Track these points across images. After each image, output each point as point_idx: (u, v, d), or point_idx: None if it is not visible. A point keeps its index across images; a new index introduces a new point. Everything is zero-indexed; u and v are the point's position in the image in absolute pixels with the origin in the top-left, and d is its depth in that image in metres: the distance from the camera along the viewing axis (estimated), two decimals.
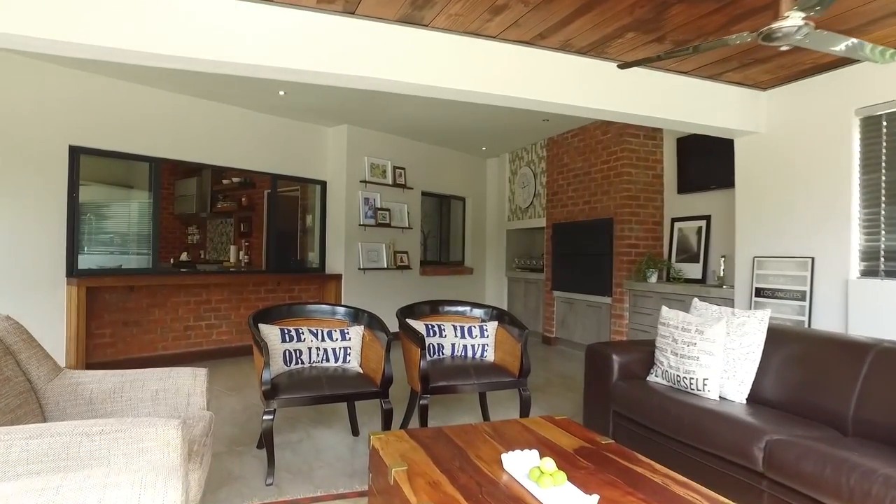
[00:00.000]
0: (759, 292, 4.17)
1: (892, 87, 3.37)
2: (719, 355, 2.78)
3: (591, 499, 1.57)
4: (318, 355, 3.21)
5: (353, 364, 3.27)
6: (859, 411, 2.31)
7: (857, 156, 3.56)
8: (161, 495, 1.32)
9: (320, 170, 6.69)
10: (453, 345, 3.52)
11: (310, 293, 6.56)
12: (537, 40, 3.32)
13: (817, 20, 1.93)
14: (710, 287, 4.90)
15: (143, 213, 5.41)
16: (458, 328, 3.56)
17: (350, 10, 2.92)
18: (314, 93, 5.28)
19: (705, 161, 5.37)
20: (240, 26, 2.77)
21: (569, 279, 6.61)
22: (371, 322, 3.36)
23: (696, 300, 3.23)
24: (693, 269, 5.48)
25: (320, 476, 2.81)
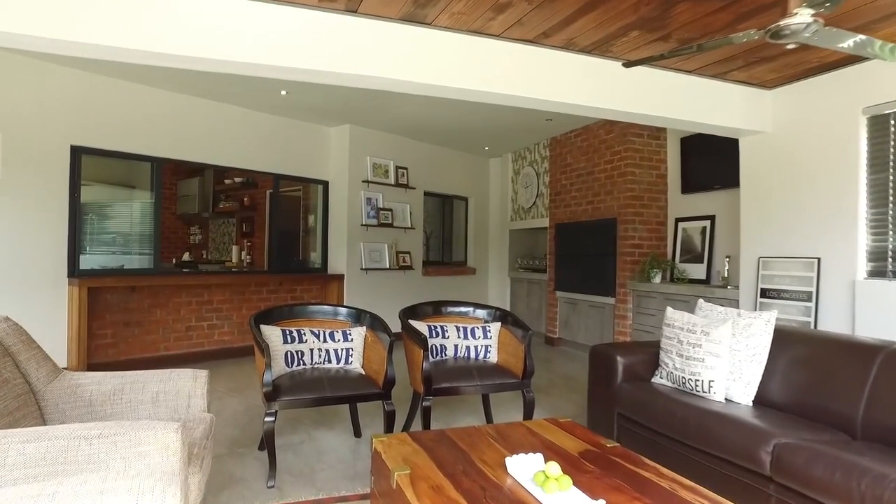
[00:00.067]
0: (765, 293, 4.13)
1: None
2: (725, 357, 2.75)
3: None
4: (319, 356, 3.19)
5: (356, 365, 3.24)
6: (869, 414, 2.28)
7: (865, 155, 3.53)
8: (159, 502, 1.30)
9: (322, 170, 6.66)
10: (456, 346, 3.50)
11: (312, 293, 6.54)
12: (541, 39, 3.29)
13: (826, 17, 1.90)
14: (715, 287, 4.86)
15: (145, 213, 5.40)
16: (461, 329, 3.53)
17: (352, 8, 2.90)
18: (316, 92, 5.26)
19: (709, 161, 5.34)
20: (241, 25, 2.75)
21: (572, 279, 6.58)
22: (373, 323, 3.33)
23: (702, 301, 3.20)
24: (697, 270, 5.44)
25: (322, 478, 2.79)
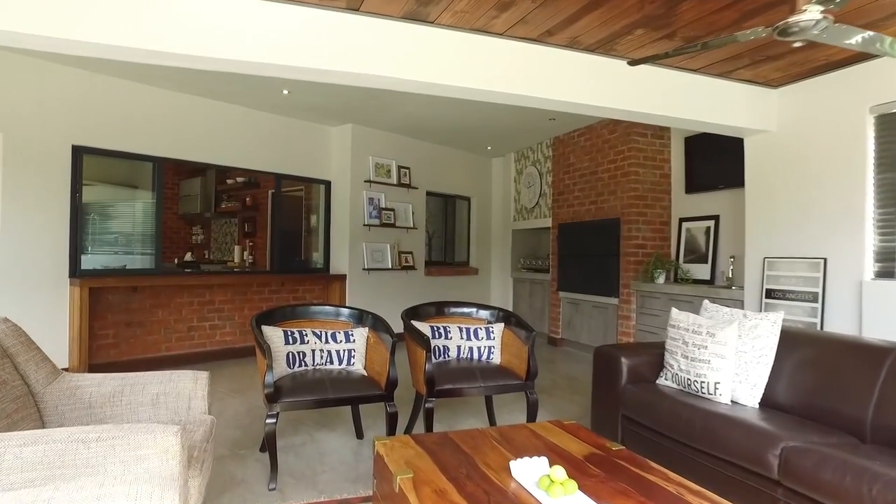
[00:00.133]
0: (770, 293, 4.10)
1: None
2: (731, 358, 2.72)
3: None
4: (321, 357, 3.16)
5: (358, 366, 3.22)
6: (878, 417, 2.24)
7: (872, 154, 3.49)
8: None
9: (324, 169, 6.64)
10: (459, 347, 3.47)
11: (314, 294, 6.52)
12: (544, 37, 3.26)
13: (836, 13, 1.87)
14: (719, 288, 4.83)
15: (147, 213, 5.38)
16: (464, 330, 3.51)
17: (354, 6, 2.87)
18: (318, 91, 5.23)
19: (714, 160, 5.30)
20: (242, 24, 2.73)
21: (575, 280, 6.54)
22: (375, 324, 3.31)
23: (707, 302, 3.17)
24: (701, 270, 5.41)
25: (324, 481, 2.76)
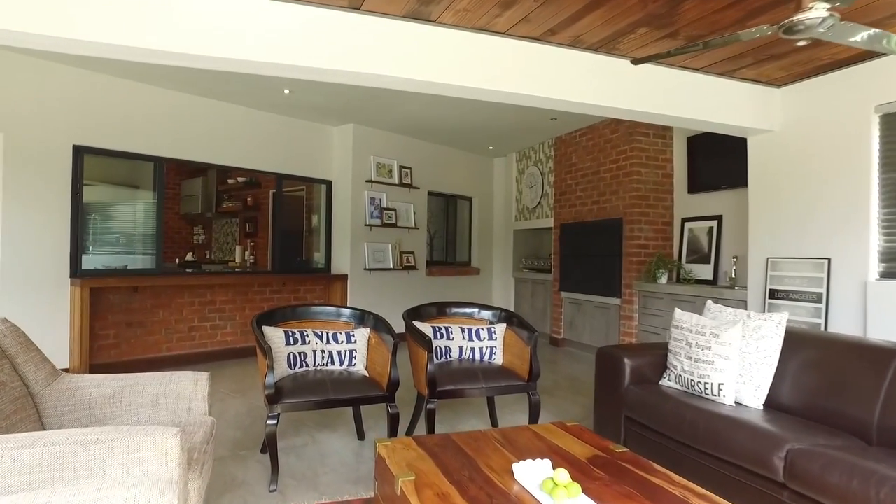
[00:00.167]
0: (773, 294, 4.07)
1: None
2: (735, 359, 2.70)
3: None
4: (322, 358, 3.15)
5: (359, 367, 3.20)
6: (884, 419, 2.22)
7: (877, 154, 3.46)
8: None
9: (326, 169, 6.63)
10: (461, 347, 3.45)
11: (315, 294, 6.51)
12: (547, 36, 3.24)
13: (843, 11, 1.85)
14: (722, 288, 4.80)
15: (148, 213, 5.37)
16: (466, 330, 3.49)
17: (355, 5, 2.85)
18: (319, 91, 5.22)
19: (716, 160, 5.28)
20: (242, 23, 2.71)
21: (577, 280, 6.52)
22: (377, 324, 3.29)
23: (710, 302, 3.15)
24: (704, 270, 5.38)
25: (325, 482, 2.75)
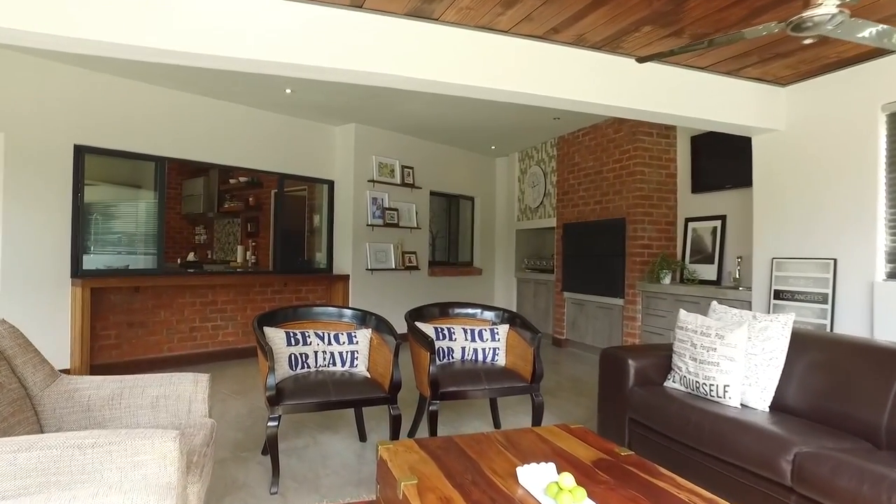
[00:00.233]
0: (778, 294, 4.04)
1: None
2: (741, 361, 2.67)
3: None
4: (324, 359, 3.12)
5: (361, 368, 3.18)
6: (894, 422, 2.19)
7: (884, 153, 3.43)
8: None
9: (328, 169, 6.61)
10: (463, 348, 3.43)
11: (317, 294, 6.49)
12: (550, 35, 3.22)
13: (852, 8, 1.82)
14: (726, 289, 4.77)
15: (150, 213, 5.35)
16: (469, 331, 3.46)
17: (357, 3, 2.83)
18: (321, 90, 5.20)
19: (720, 160, 5.24)
20: (243, 21, 2.69)
21: (580, 280, 6.49)
22: (379, 325, 3.27)
23: (715, 303, 3.12)
24: (708, 271, 5.35)
25: (326, 484, 2.72)
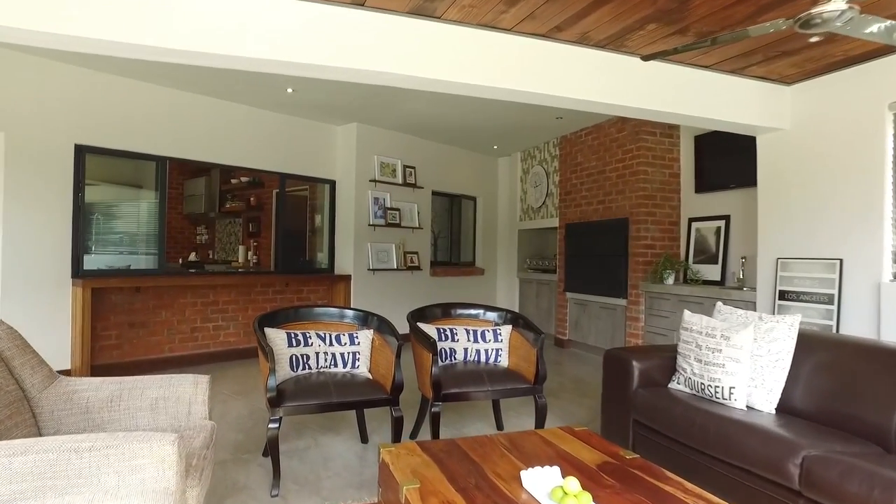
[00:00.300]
0: (783, 295, 4.01)
1: None
2: (746, 363, 2.64)
3: None
4: (325, 360, 3.10)
5: (362, 369, 3.15)
6: None
7: (891, 153, 3.39)
8: None
9: (329, 169, 6.59)
10: (466, 349, 3.40)
11: (318, 294, 6.46)
12: (553, 33, 3.19)
13: (862, 3, 1.79)
14: (730, 289, 4.73)
15: (151, 213, 5.33)
16: (471, 332, 3.43)
17: (359, 1, 2.81)
18: (323, 90, 5.18)
19: (724, 159, 5.21)
20: (245, 19, 2.66)
21: (582, 280, 6.46)
22: (381, 326, 3.24)
23: (720, 304, 3.09)
24: (711, 271, 5.31)
25: (328, 487, 2.70)
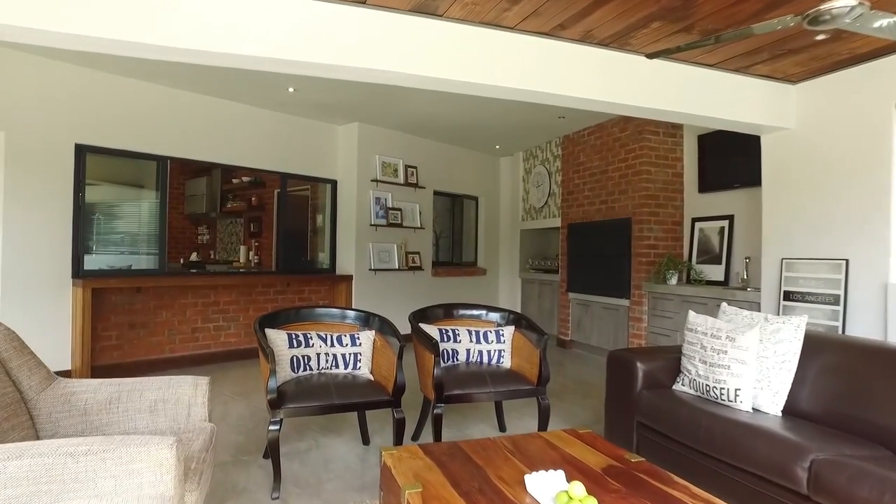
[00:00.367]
0: (788, 296, 3.97)
1: None
2: (752, 364, 2.61)
3: None
4: (326, 361, 3.07)
5: (364, 371, 3.13)
6: None
7: None
8: None
9: (331, 169, 6.56)
10: (468, 350, 3.37)
11: (320, 295, 6.44)
12: (557, 31, 3.16)
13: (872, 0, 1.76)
14: (734, 290, 4.70)
15: (152, 212, 5.31)
16: (474, 333, 3.41)
17: None
18: (324, 89, 5.15)
19: (728, 159, 5.18)
20: (245, 17, 2.64)
21: (585, 280, 6.43)
22: (382, 327, 3.22)
23: (725, 305, 3.06)
24: (715, 271, 5.28)
25: (329, 490, 2.67)
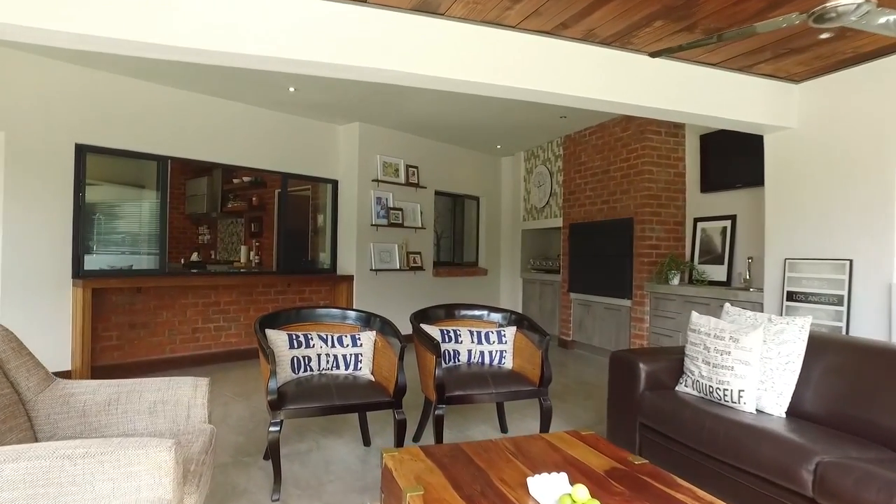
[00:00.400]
0: (791, 296, 3.95)
1: None
2: (756, 365, 2.59)
3: None
4: (327, 362, 3.06)
5: (365, 371, 3.11)
6: None
7: None
8: None
9: (332, 168, 6.55)
10: (469, 351, 3.35)
11: (321, 295, 6.42)
12: (559, 30, 3.14)
13: None
14: (737, 290, 4.68)
15: (153, 212, 5.30)
16: (475, 333, 3.39)
17: None
18: (325, 89, 5.14)
19: (730, 158, 5.16)
20: (245, 16, 2.62)
21: (586, 281, 6.40)
22: (383, 327, 3.20)
23: (728, 305, 3.04)
24: (717, 272, 5.26)
25: (330, 491, 2.65)
